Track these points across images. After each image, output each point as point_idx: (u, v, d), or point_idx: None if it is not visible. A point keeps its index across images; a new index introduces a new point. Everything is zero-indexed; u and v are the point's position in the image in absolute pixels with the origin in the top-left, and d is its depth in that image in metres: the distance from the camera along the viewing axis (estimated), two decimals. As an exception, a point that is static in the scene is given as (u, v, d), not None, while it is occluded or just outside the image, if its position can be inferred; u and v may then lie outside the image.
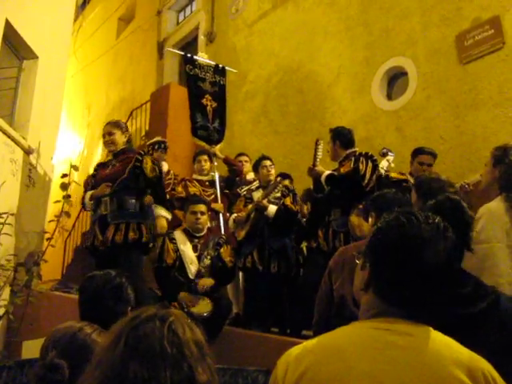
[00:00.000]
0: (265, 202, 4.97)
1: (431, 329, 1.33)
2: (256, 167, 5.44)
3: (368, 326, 1.33)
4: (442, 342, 1.30)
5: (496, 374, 1.27)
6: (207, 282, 4.54)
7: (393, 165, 4.96)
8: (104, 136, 4.82)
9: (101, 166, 4.90)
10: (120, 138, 4.81)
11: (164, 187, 5.28)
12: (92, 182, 4.81)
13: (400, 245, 1.35)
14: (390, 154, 4.99)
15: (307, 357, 1.28)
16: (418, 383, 1.20)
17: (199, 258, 4.71)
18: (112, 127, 4.82)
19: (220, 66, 6.88)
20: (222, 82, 6.78)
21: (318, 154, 4.76)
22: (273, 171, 5.35)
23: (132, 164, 4.64)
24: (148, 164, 4.71)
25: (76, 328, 1.88)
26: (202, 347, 1.16)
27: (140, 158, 4.70)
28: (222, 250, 4.79)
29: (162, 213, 4.86)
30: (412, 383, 1.20)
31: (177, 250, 4.70)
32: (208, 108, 6.46)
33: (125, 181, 4.59)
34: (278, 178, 5.32)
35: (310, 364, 1.25)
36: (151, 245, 4.77)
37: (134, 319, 1.16)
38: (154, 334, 1.11)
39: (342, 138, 4.73)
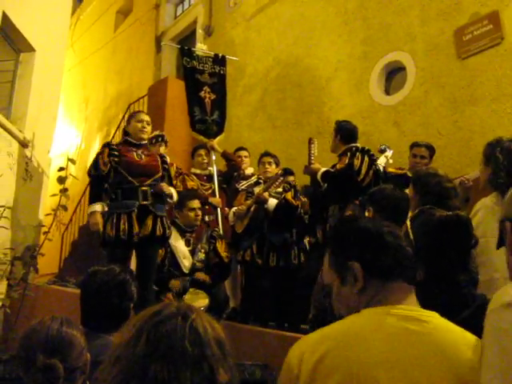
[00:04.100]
0: (266, 194, 4.96)
1: (437, 314, 1.36)
2: (258, 162, 5.50)
3: (380, 313, 1.33)
4: (449, 327, 1.33)
5: None
6: (203, 277, 4.52)
7: (391, 161, 4.95)
8: (142, 121, 4.62)
9: (124, 149, 4.52)
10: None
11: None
12: (114, 162, 4.39)
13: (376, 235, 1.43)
14: (388, 150, 4.97)
15: (325, 342, 1.28)
16: (439, 368, 1.21)
17: (192, 253, 4.68)
18: (149, 118, 4.75)
19: (220, 55, 6.81)
20: (222, 72, 6.69)
21: (312, 152, 4.75)
22: (271, 168, 5.34)
23: (161, 164, 4.60)
24: (173, 171, 4.88)
25: (47, 324, 1.82)
26: (223, 346, 1.14)
27: (167, 161, 4.70)
28: (217, 244, 4.77)
29: None
30: (433, 368, 1.21)
31: (167, 247, 4.61)
32: (206, 100, 6.40)
33: (159, 179, 4.50)
34: (280, 172, 5.29)
35: (328, 350, 1.25)
36: None
37: (155, 315, 1.13)
38: (175, 333, 1.08)
39: (344, 132, 4.70)
